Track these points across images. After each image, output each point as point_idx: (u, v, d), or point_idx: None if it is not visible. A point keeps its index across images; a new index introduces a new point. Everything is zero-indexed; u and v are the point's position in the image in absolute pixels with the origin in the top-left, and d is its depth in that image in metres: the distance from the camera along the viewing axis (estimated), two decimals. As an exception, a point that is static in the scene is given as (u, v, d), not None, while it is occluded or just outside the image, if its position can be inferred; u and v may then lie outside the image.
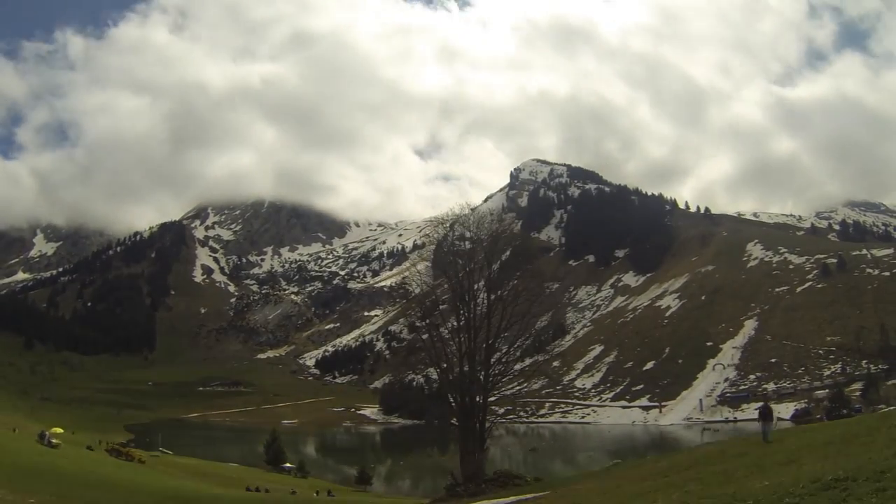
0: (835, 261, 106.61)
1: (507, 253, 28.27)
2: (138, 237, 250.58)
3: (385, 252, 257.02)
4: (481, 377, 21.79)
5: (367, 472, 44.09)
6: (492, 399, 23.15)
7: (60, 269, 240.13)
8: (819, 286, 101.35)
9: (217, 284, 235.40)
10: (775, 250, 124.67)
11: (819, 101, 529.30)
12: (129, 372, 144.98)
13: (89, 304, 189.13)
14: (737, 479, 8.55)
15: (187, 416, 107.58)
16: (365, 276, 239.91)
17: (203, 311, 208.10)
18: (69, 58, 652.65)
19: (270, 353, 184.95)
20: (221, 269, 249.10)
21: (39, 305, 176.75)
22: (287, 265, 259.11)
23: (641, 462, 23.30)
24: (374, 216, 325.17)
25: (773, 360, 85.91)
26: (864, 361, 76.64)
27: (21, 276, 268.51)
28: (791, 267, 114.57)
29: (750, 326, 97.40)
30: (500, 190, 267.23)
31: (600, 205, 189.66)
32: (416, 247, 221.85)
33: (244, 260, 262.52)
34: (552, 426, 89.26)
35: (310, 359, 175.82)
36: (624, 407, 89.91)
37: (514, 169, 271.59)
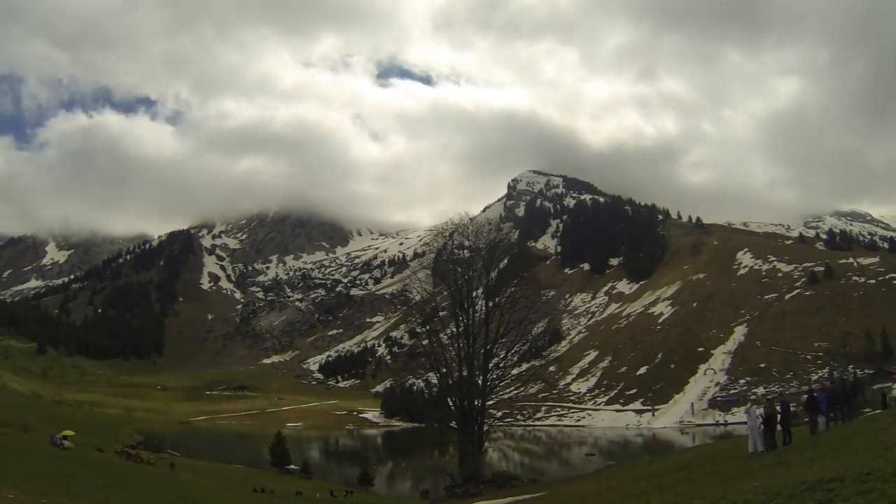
0: (822, 269, 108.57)
1: (505, 261, 29.53)
2: (147, 245, 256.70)
3: (386, 260, 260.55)
4: (480, 382, 22.71)
5: (370, 473, 44.41)
6: (490, 403, 23.87)
7: (72, 277, 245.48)
8: (807, 293, 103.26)
9: (224, 291, 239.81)
10: (764, 258, 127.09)
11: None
12: (139, 376, 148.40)
13: (100, 310, 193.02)
14: (727, 480, 8.57)
15: (195, 419, 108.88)
16: (367, 284, 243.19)
17: (210, 317, 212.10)
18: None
19: (275, 358, 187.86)
20: (228, 276, 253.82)
21: (51, 312, 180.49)
22: (291, 273, 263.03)
23: (635, 464, 23.77)
24: (375, 225, 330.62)
25: (762, 365, 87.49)
26: (851, 366, 77.68)
27: (34, 283, 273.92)
28: (780, 275, 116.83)
29: (740, 332, 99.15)
30: (498, 200, 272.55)
31: (595, 215, 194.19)
32: (416, 255, 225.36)
33: (250, 268, 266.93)
34: (549, 429, 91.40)
35: (313, 363, 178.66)
36: (618, 410, 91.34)
37: (512, 180, 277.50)
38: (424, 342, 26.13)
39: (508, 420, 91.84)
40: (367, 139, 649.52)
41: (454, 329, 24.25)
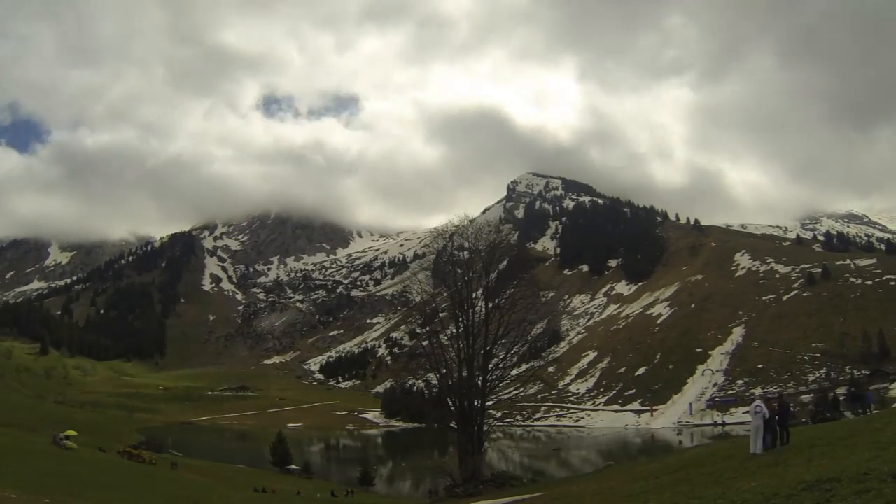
0: (819, 270, 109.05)
1: (504, 263, 28.62)
2: (149, 247, 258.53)
3: (387, 262, 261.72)
4: (479, 382, 22.82)
5: (370, 473, 44.86)
6: (489, 403, 24.11)
7: (74, 278, 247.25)
8: (804, 294, 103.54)
9: (225, 293, 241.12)
10: (762, 260, 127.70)
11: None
12: (141, 377, 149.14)
13: (102, 311, 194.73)
14: (725, 480, 8.58)
15: (196, 419, 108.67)
16: (367, 285, 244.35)
17: (212, 318, 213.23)
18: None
19: (276, 359, 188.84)
20: (229, 277, 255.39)
21: (54, 313, 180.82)
22: (292, 274, 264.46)
23: (633, 464, 23.97)
24: (376, 227, 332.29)
25: (760, 366, 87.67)
26: (848, 367, 78.18)
27: (37, 284, 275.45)
28: (777, 276, 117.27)
29: (738, 333, 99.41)
30: (498, 202, 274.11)
31: (594, 216, 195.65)
32: (416, 256, 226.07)
33: (251, 269, 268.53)
34: (548, 429, 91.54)
35: (314, 364, 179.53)
36: (616, 411, 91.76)
37: (511, 182, 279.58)
38: (424, 343, 26.33)
39: (508, 420, 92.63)
40: (367, 143, 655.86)
41: (454, 330, 24.46)
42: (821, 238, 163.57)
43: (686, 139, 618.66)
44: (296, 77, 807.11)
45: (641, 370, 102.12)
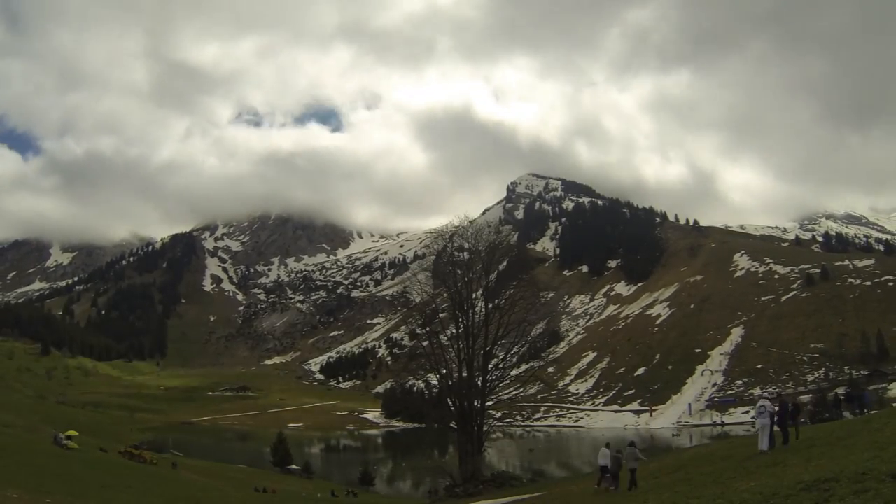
0: (818, 271, 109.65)
1: (504, 263, 28.72)
2: (150, 248, 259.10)
3: (387, 262, 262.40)
4: (479, 382, 23.41)
5: (370, 473, 44.84)
6: (489, 403, 24.54)
7: (76, 279, 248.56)
8: (803, 295, 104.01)
9: (226, 293, 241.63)
10: (761, 261, 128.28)
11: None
12: (142, 377, 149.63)
13: (103, 311, 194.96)
14: (724, 480, 8.62)
15: (197, 419, 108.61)
16: (368, 286, 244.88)
17: (212, 318, 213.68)
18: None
19: (277, 360, 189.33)
20: (230, 278, 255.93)
21: (55, 313, 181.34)
22: (293, 275, 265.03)
23: None
24: (376, 227, 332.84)
25: (759, 367, 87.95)
26: (847, 367, 78.49)
27: (38, 285, 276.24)
28: (776, 277, 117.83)
29: (737, 334, 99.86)
30: (498, 203, 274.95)
31: (593, 217, 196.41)
32: (416, 257, 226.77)
33: (252, 270, 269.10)
34: (547, 430, 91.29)
35: (315, 365, 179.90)
36: (616, 411, 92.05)
37: (511, 183, 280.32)
38: (424, 343, 26.52)
39: (508, 420, 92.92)
40: (366, 145, 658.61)
41: (454, 330, 24.67)
42: (819, 239, 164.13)
43: (682, 138, 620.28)
44: (274, 91, 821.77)
45: (641, 370, 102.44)
